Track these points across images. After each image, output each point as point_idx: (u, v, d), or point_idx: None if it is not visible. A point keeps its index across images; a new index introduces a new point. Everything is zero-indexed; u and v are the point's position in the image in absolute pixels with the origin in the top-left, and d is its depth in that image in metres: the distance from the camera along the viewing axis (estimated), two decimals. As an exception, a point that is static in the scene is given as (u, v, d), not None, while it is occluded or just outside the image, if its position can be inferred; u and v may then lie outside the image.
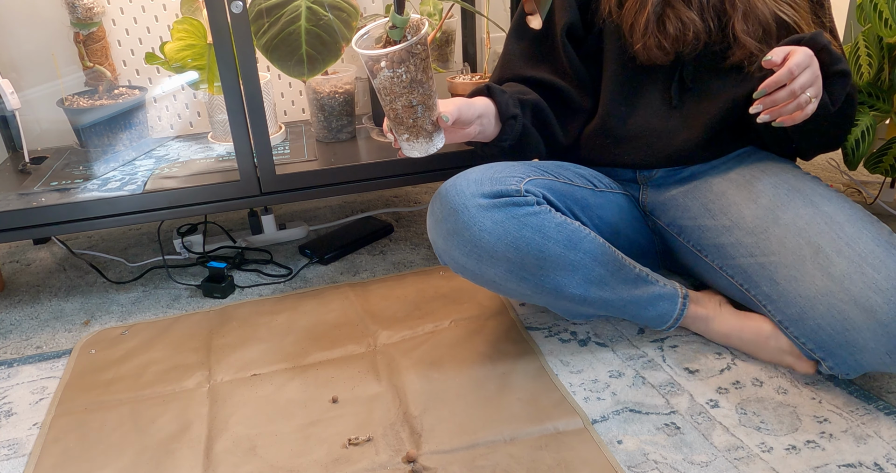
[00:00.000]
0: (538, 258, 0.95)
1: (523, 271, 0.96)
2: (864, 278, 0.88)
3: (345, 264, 1.41)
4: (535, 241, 0.94)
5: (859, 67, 1.23)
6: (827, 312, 0.90)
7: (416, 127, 0.91)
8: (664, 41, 1.00)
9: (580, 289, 0.99)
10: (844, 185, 1.55)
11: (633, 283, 1.03)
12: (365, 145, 1.43)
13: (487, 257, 0.95)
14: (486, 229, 0.93)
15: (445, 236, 0.97)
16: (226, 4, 1.12)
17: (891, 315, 0.85)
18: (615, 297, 1.02)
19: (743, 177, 1.07)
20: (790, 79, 0.85)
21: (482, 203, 0.93)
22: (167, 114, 1.55)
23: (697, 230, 1.09)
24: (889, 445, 0.88)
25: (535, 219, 0.95)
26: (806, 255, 0.93)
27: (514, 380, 1.02)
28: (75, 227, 1.23)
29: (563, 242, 0.96)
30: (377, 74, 0.85)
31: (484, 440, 0.92)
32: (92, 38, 1.39)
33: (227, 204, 1.28)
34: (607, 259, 1.00)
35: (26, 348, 1.20)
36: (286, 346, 1.14)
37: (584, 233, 0.98)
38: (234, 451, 0.92)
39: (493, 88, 1.01)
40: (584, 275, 0.98)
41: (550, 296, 1.00)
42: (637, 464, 0.87)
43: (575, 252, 0.97)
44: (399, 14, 0.80)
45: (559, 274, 0.97)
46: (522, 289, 0.99)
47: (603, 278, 1.00)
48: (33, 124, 1.49)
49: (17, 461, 0.94)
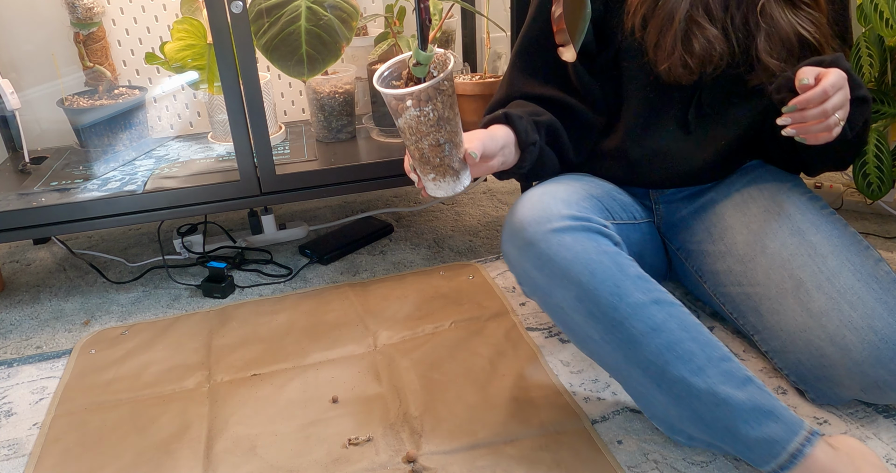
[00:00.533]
0: (612, 294, 0.83)
1: (594, 306, 0.84)
2: (840, 315, 0.88)
3: (345, 264, 1.41)
4: (613, 272, 0.84)
5: (860, 67, 1.23)
6: (805, 348, 0.92)
7: (443, 166, 0.86)
8: (690, 60, 0.94)
9: (658, 355, 0.82)
10: (845, 185, 1.55)
11: (731, 378, 0.82)
12: (365, 145, 1.43)
13: (560, 275, 0.85)
14: (565, 245, 0.85)
15: (520, 247, 0.89)
16: (226, 4, 1.12)
17: (864, 355, 0.86)
18: (705, 387, 0.81)
19: (741, 196, 1.06)
20: (824, 98, 0.83)
21: (566, 223, 0.87)
22: (167, 114, 1.55)
23: (701, 256, 1.09)
24: (888, 446, 0.88)
25: (617, 255, 0.86)
26: (788, 288, 0.94)
27: (514, 381, 1.02)
28: (75, 227, 1.23)
29: (643, 291, 0.84)
30: (402, 113, 0.80)
31: (484, 440, 0.92)
32: (92, 38, 1.39)
33: (227, 204, 1.28)
34: (702, 339, 0.83)
35: (26, 348, 1.20)
36: (286, 346, 1.14)
37: (669, 299, 0.85)
38: (234, 451, 0.92)
39: (510, 116, 0.96)
40: (667, 341, 0.82)
41: (621, 352, 0.84)
42: (637, 464, 0.87)
43: (658, 309, 0.83)
44: (423, 50, 0.76)
45: (635, 324, 0.83)
46: (590, 328, 0.86)
47: (692, 355, 0.82)
48: (33, 124, 1.49)
49: (17, 461, 0.94)
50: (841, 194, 1.53)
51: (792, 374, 0.97)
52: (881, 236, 1.39)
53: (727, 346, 1.08)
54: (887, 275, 0.90)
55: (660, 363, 0.82)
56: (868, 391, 0.88)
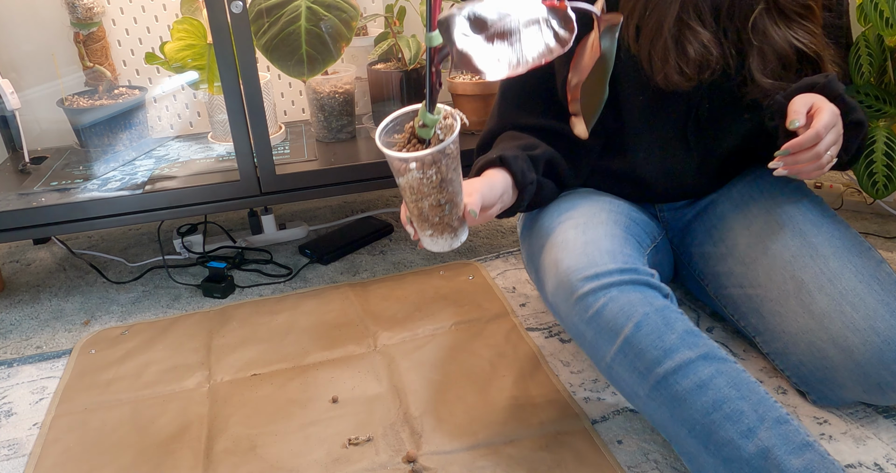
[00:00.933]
0: (657, 348, 0.80)
1: (639, 361, 0.81)
2: (842, 317, 0.88)
3: (345, 264, 1.41)
4: (658, 326, 0.81)
5: (860, 66, 1.23)
6: (807, 349, 0.91)
7: (442, 224, 0.85)
8: (686, 66, 0.92)
9: (705, 415, 0.77)
10: (844, 185, 1.55)
11: (787, 441, 0.75)
12: (365, 145, 1.43)
13: (607, 329, 0.83)
14: (614, 298, 0.84)
15: (569, 301, 0.87)
16: (226, 4, 1.12)
17: (867, 356, 0.85)
18: (755, 451, 0.74)
19: (742, 197, 1.05)
20: (816, 141, 0.82)
21: (615, 278, 0.85)
22: (167, 114, 1.55)
23: (702, 257, 1.08)
24: (888, 446, 0.88)
25: (664, 309, 0.83)
26: (790, 290, 0.93)
27: (515, 381, 1.02)
28: (75, 227, 1.23)
29: (690, 346, 0.80)
30: (404, 174, 0.78)
31: (484, 440, 0.92)
32: (92, 38, 1.39)
33: (227, 204, 1.28)
34: (755, 397, 0.77)
35: (26, 348, 1.20)
36: (286, 346, 1.14)
37: (719, 354, 0.81)
38: (234, 451, 0.92)
39: (506, 159, 0.94)
40: (714, 399, 0.77)
41: (667, 409, 0.80)
42: (637, 464, 0.87)
43: (706, 364, 0.79)
44: (430, 112, 0.74)
45: (680, 380, 0.79)
46: (636, 385, 0.83)
47: (741, 414, 0.76)
48: (33, 124, 1.49)
49: (17, 461, 0.94)
50: (841, 193, 1.53)
51: (794, 376, 0.97)
52: (881, 236, 1.39)
53: (727, 346, 1.08)
54: (889, 276, 0.90)
55: (706, 423, 0.77)
56: (870, 393, 0.88)
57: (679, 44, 0.92)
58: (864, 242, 0.95)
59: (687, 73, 0.93)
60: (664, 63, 0.92)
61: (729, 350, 1.07)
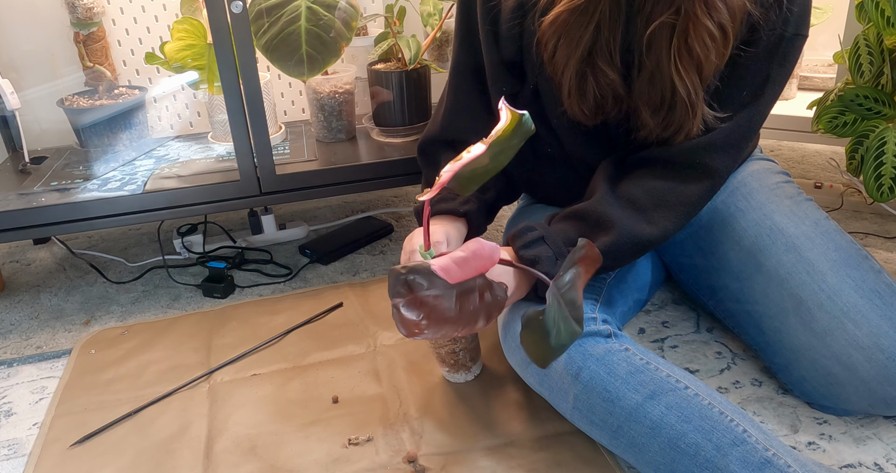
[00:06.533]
0: (605, 400, 0.81)
1: (592, 414, 0.82)
2: (845, 334, 0.86)
3: (345, 264, 1.41)
4: (601, 377, 0.82)
5: (860, 66, 1.23)
6: (811, 366, 0.90)
7: (457, 364, 1.00)
8: (583, 107, 0.90)
9: (663, 455, 0.78)
10: (844, 185, 1.55)
11: (746, 464, 0.74)
12: (365, 145, 1.43)
13: (557, 388, 0.86)
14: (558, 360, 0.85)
15: (519, 364, 0.93)
16: (226, 4, 1.12)
17: (872, 374, 0.84)
18: None
19: (727, 207, 1.02)
20: None
21: None
22: (167, 114, 1.55)
23: (694, 270, 1.08)
24: (888, 446, 0.88)
25: (606, 356, 0.83)
26: (788, 308, 0.92)
27: (515, 381, 1.02)
28: (75, 227, 1.23)
29: (635, 389, 0.80)
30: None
31: (484, 441, 0.92)
32: (92, 38, 1.39)
33: (227, 204, 1.28)
34: (707, 425, 0.77)
35: (26, 348, 1.20)
36: (286, 346, 1.14)
37: (667, 386, 0.80)
38: (234, 451, 0.92)
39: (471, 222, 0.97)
40: (668, 438, 0.77)
41: (630, 455, 0.81)
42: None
43: (654, 405, 0.79)
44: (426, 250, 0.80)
45: (633, 427, 0.79)
46: (595, 435, 0.85)
47: (697, 448, 0.76)
48: (33, 124, 1.49)
49: (17, 461, 0.94)
50: (841, 193, 1.52)
51: (796, 389, 0.95)
52: (881, 236, 1.38)
53: (727, 346, 1.08)
54: (889, 288, 0.88)
55: (667, 462, 0.77)
56: (875, 407, 0.87)
57: (581, 83, 0.89)
58: (860, 250, 0.93)
59: (586, 113, 0.91)
60: (567, 98, 0.91)
61: (729, 350, 1.07)
